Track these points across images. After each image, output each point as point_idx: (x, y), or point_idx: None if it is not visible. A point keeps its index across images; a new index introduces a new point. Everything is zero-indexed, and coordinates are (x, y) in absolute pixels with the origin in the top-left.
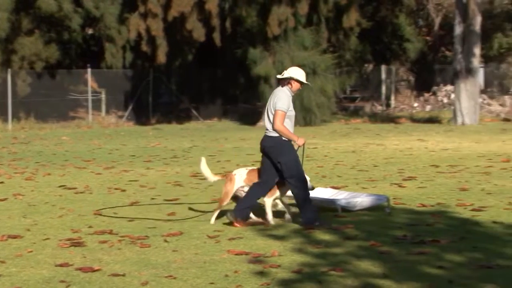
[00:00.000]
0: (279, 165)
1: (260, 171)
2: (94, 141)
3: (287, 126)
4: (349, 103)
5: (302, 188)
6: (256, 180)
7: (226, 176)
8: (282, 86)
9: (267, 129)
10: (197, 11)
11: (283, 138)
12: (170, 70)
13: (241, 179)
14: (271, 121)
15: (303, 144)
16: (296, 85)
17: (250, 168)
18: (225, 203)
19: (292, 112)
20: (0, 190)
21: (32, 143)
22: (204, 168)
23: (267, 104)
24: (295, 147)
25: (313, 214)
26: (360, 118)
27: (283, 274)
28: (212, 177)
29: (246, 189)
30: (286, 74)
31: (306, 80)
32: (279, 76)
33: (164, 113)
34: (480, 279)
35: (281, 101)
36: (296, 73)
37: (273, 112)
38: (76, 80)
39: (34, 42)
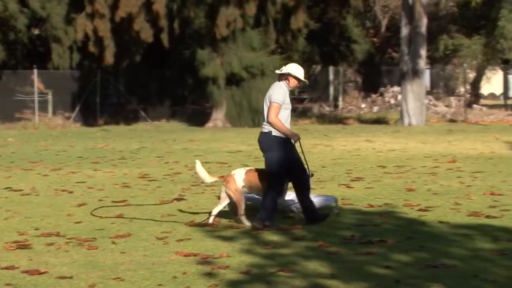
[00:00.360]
0: (264, 159)
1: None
2: (41, 143)
3: (282, 119)
4: (297, 104)
5: (275, 189)
6: (255, 180)
7: (224, 177)
8: (279, 81)
9: (263, 125)
10: (144, 11)
11: (274, 135)
12: (118, 70)
13: (240, 179)
14: (266, 114)
15: (299, 140)
16: (293, 82)
17: (248, 168)
18: (242, 203)
19: (288, 106)
20: None
21: None
22: (200, 169)
23: (264, 98)
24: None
25: (269, 215)
26: (308, 119)
27: (232, 275)
28: (208, 179)
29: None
30: (285, 69)
31: (252, 82)
32: (277, 71)
33: (112, 114)
34: (427, 278)
35: (276, 93)
36: (294, 69)
37: (268, 105)
38: (22, 81)
39: None
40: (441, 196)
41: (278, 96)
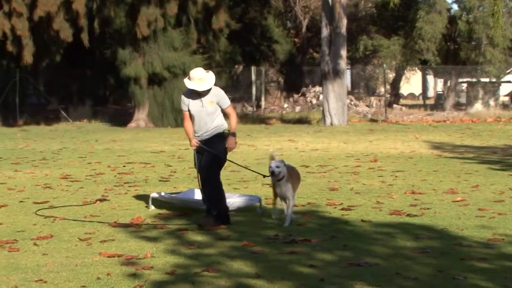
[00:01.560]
0: None
1: None
2: None
3: (189, 124)
4: None
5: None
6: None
7: None
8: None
9: None
10: (64, 11)
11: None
12: (37, 70)
13: None
14: None
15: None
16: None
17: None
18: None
19: (192, 111)
20: None
21: None
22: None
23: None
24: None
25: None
26: None
27: (156, 276)
28: None
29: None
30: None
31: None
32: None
33: (32, 114)
34: (350, 277)
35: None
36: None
37: None
38: None
39: None
40: (363, 195)
41: (180, 102)
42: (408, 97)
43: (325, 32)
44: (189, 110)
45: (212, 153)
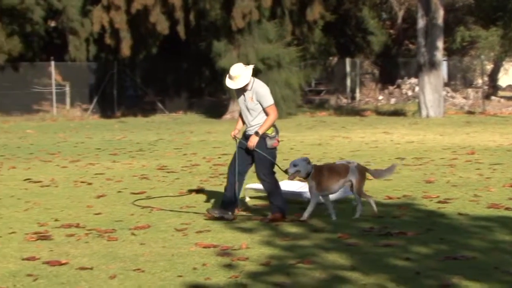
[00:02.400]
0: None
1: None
2: (60, 134)
3: (240, 117)
4: (314, 96)
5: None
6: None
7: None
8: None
9: None
10: (160, 3)
11: None
12: (134, 63)
13: None
14: None
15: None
16: None
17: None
18: None
19: (239, 105)
20: None
21: None
22: None
23: None
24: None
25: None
26: (326, 111)
27: (252, 267)
28: None
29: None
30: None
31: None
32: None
33: (129, 106)
34: (447, 270)
35: None
36: None
37: None
38: (39, 73)
39: None
40: (460, 188)
41: None
42: (506, 89)
43: (421, 23)
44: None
45: (258, 155)
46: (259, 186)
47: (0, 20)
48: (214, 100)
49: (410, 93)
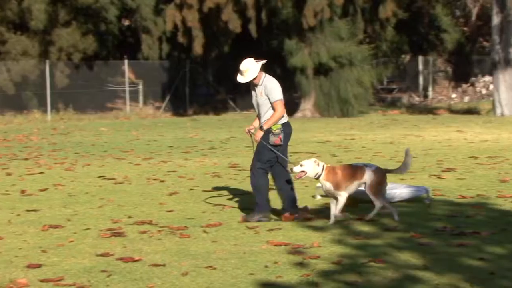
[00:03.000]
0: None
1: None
2: (133, 132)
3: None
4: (386, 94)
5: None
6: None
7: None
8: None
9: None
10: (232, 2)
11: None
12: (206, 61)
13: None
14: None
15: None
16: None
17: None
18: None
19: (253, 99)
20: (41, 181)
21: (71, 134)
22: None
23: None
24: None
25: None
26: (398, 109)
27: (323, 265)
28: None
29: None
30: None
31: (340, 72)
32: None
33: (201, 104)
34: None
35: None
36: None
37: None
38: (113, 71)
39: (71, 34)
40: None
41: None
42: None
43: (495, 20)
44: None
45: (259, 146)
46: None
47: (75, 19)
48: (285, 98)
49: (484, 91)
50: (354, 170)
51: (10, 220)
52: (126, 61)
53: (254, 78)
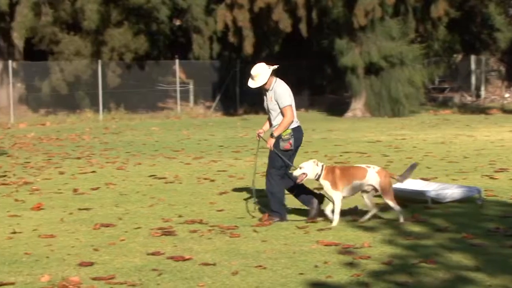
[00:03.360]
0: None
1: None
2: (183, 132)
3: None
4: (437, 94)
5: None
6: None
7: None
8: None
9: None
10: (283, 2)
11: None
12: (256, 60)
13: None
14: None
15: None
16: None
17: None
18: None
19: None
20: (93, 179)
21: (123, 133)
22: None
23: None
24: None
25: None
26: (449, 109)
27: (374, 266)
28: None
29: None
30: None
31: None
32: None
33: (251, 104)
34: None
35: None
36: None
37: None
38: (164, 71)
39: (123, 34)
40: None
41: None
42: None
43: None
44: None
45: (271, 153)
46: None
47: (127, 20)
48: (336, 97)
49: None
50: (355, 170)
51: (62, 219)
52: (177, 61)
53: (265, 84)
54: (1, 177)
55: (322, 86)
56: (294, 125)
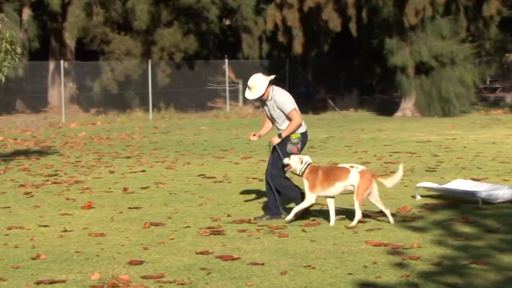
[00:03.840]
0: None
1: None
2: (232, 131)
3: (265, 122)
4: (489, 94)
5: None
6: None
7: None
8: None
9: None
10: (333, 1)
11: None
12: (306, 60)
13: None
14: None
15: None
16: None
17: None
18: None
19: (265, 113)
20: (142, 179)
21: (172, 133)
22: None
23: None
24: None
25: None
26: (501, 109)
27: (423, 266)
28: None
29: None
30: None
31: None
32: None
33: (300, 104)
34: None
35: None
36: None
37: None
38: (213, 70)
39: (173, 33)
40: None
41: None
42: None
43: None
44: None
45: (274, 155)
46: (431, 184)
47: (177, 19)
48: (385, 97)
49: None
50: (338, 171)
51: (112, 217)
52: (226, 61)
53: (262, 95)
54: (52, 176)
55: (371, 86)
56: (302, 129)
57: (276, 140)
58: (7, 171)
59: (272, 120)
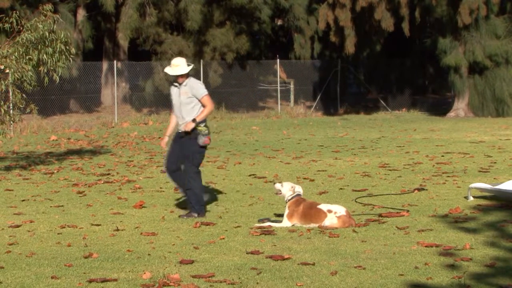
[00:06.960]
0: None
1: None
2: (283, 131)
3: (172, 117)
4: None
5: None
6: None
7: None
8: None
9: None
10: (385, 1)
11: None
12: (358, 60)
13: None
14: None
15: None
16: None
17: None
18: None
19: (172, 100)
20: None
21: (224, 133)
22: None
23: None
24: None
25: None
26: None
27: (475, 268)
28: None
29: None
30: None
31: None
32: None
33: (352, 104)
34: None
35: None
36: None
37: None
38: (265, 70)
39: (225, 34)
40: None
41: None
42: None
43: None
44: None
45: (188, 152)
46: (484, 185)
47: (229, 20)
48: (438, 97)
49: None
50: (315, 212)
51: (163, 217)
52: (278, 61)
53: (182, 75)
54: (104, 175)
55: (424, 86)
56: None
57: (191, 126)
58: (61, 170)
59: (179, 106)
